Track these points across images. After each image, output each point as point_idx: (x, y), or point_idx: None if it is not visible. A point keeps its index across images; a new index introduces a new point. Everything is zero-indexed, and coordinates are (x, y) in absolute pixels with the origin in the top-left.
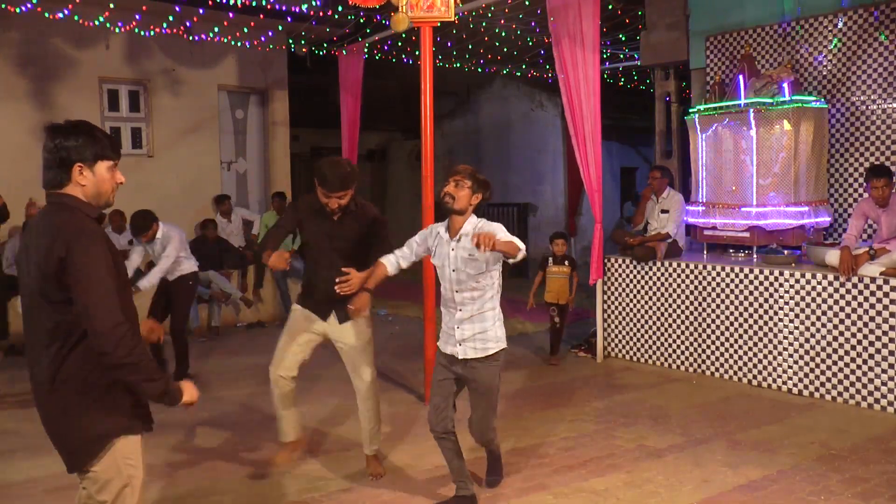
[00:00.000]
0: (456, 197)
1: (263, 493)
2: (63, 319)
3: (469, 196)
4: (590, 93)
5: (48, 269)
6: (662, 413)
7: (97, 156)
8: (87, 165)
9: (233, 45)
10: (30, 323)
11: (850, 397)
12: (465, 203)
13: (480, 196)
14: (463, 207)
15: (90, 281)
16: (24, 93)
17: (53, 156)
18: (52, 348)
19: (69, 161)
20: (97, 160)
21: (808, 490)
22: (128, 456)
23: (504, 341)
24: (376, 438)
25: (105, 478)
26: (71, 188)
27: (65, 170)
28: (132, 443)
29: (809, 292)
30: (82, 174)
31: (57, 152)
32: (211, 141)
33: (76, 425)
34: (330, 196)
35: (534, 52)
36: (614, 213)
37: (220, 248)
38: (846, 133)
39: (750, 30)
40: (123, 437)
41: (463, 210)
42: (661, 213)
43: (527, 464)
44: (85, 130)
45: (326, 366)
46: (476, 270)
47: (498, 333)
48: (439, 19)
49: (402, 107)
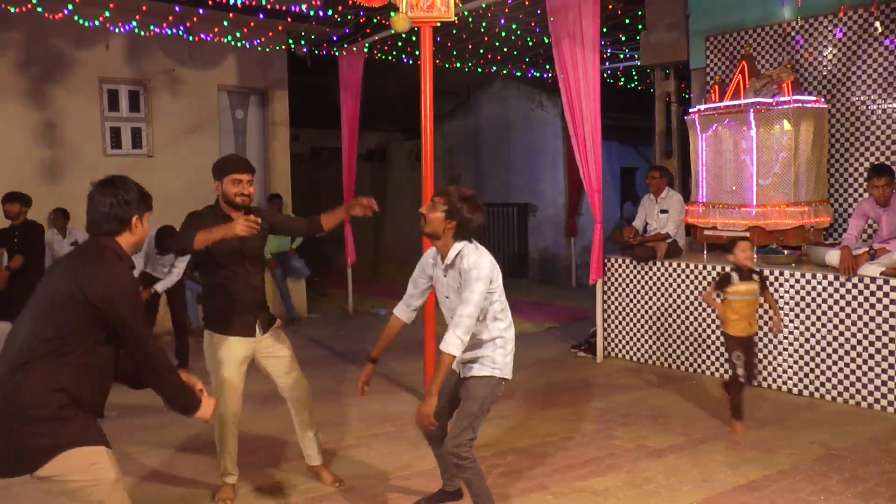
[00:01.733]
0: (427, 219)
1: (262, 493)
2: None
3: (441, 221)
4: (590, 93)
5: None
6: (662, 413)
7: (147, 209)
8: (140, 218)
9: (233, 45)
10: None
11: (850, 397)
12: (435, 227)
13: (455, 224)
14: (433, 231)
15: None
16: (24, 93)
17: (117, 210)
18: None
19: (130, 214)
20: (146, 212)
21: (808, 490)
22: (95, 462)
23: (504, 370)
24: (320, 448)
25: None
26: (123, 237)
27: (125, 222)
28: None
29: (809, 292)
30: (136, 226)
31: (121, 207)
32: (211, 141)
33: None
34: (240, 180)
35: (534, 52)
36: (614, 213)
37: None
38: (846, 133)
39: (750, 30)
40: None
41: (435, 235)
42: (660, 213)
43: (527, 464)
44: (136, 186)
45: (318, 367)
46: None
47: (497, 359)
48: (439, 19)
49: (402, 107)
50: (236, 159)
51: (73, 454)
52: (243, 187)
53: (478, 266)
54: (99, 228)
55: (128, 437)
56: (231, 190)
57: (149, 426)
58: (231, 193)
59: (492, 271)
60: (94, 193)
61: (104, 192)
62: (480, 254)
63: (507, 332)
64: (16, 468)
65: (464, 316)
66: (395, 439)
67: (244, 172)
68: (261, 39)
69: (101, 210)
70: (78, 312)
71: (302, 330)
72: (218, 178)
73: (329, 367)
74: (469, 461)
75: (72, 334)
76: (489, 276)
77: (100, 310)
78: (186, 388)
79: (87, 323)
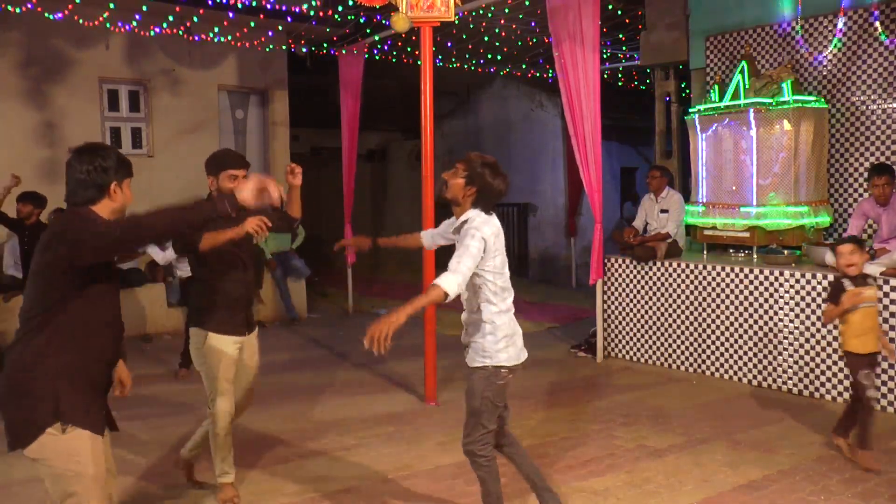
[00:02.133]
0: (449, 184)
1: (262, 493)
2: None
3: (461, 187)
4: (590, 93)
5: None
6: (662, 413)
7: (126, 175)
8: (119, 184)
9: (233, 45)
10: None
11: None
12: (455, 193)
13: (475, 190)
14: (454, 197)
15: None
16: (24, 93)
17: (94, 176)
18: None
19: (108, 181)
20: (125, 179)
21: (808, 490)
22: (76, 452)
23: (496, 357)
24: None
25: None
26: (101, 205)
27: (104, 189)
28: (82, 435)
29: (809, 292)
30: (115, 192)
31: (97, 173)
32: (211, 141)
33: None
34: (236, 175)
35: (534, 52)
36: (614, 213)
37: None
38: (846, 133)
39: (750, 30)
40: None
41: (455, 201)
42: (660, 213)
43: None
44: (115, 152)
45: (318, 367)
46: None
47: (487, 347)
48: (439, 19)
49: (402, 107)
50: (232, 154)
51: (57, 439)
52: (238, 182)
53: (478, 227)
54: (76, 197)
55: (128, 436)
56: (227, 186)
57: (149, 426)
58: (227, 190)
59: (491, 237)
60: (71, 160)
61: (81, 159)
62: (488, 220)
63: (500, 317)
64: (12, 442)
65: (461, 264)
66: (395, 439)
67: (240, 168)
68: (261, 39)
69: (78, 177)
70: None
71: (302, 330)
72: (213, 173)
73: (329, 367)
74: (484, 459)
75: (53, 301)
76: (486, 237)
77: (70, 252)
78: (188, 207)
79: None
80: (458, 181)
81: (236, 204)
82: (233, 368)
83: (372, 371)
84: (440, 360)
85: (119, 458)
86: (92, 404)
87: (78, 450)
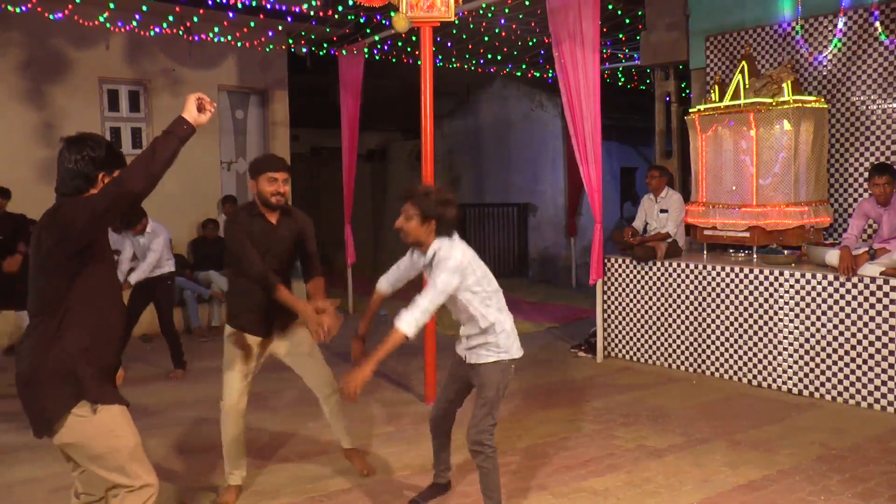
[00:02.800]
0: (405, 231)
1: (262, 492)
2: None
3: (418, 226)
4: (590, 93)
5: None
6: (662, 413)
7: (116, 165)
8: (108, 175)
9: (233, 45)
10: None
11: (850, 397)
12: (417, 235)
13: (434, 222)
14: (416, 240)
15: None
16: (24, 93)
17: (81, 166)
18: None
19: (96, 171)
20: (115, 170)
21: (808, 490)
22: (112, 428)
23: (511, 351)
24: (350, 433)
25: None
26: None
27: (91, 179)
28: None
29: (809, 292)
30: (104, 182)
31: (85, 163)
32: (211, 141)
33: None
34: (276, 178)
35: (534, 52)
36: (614, 213)
37: (220, 248)
38: (846, 133)
39: (750, 30)
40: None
41: (420, 242)
42: (660, 213)
43: (527, 464)
44: (105, 143)
45: None
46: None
47: (501, 343)
48: (439, 19)
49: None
50: (272, 158)
51: (90, 420)
52: (279, 186)
53: (446, 257)
54: (65, 187)
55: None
56: (267, 189)
57: (149, 426)
58: (267, 192)
59: (463, 263)
60: (62, 150)
61: (70, 149)
62: (453, 245)
63: (500, 315)
64: (39, 429)
65: (424, 299)
66: (395, 439)
67: (279, 171)
68: (261, 39)
69: (67, 167)
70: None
71: None
72: (253, 176)
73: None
74: (490, 449)
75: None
76: (458, 267)
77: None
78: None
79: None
80: (412, 224)
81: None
82: (246, 364)
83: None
84: (440, 360)
85: None
86: (108, 383)
87: (113, 425)
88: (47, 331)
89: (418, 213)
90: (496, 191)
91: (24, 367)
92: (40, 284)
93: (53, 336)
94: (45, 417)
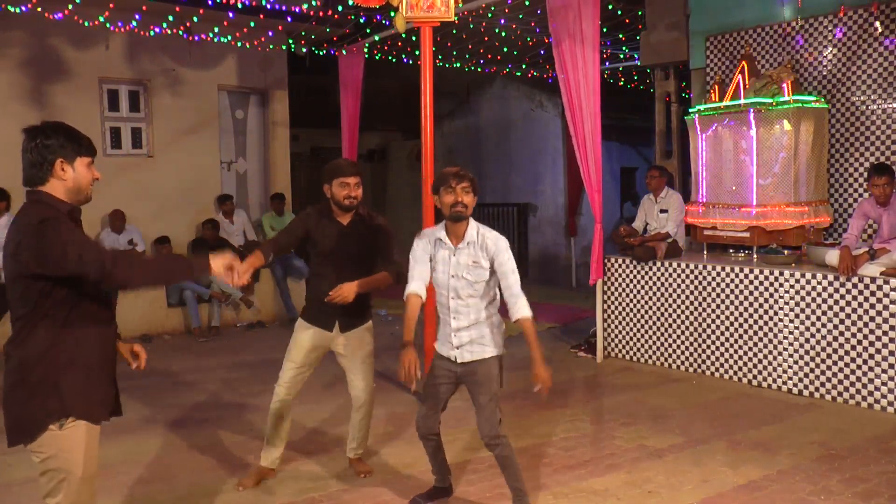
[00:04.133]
0: (468, 205)
1: (262, 492)
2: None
3: (474, 200)
4: (590, 93)
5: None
6: (662, 413)
7: (76, 152)
8: (67, 162)
9: (233, 45)
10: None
11: (850, 397)
12: (471, 208)
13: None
14: (466, 213)
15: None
16: (24, 93)
17: (35, 154)
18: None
19: (52, 158)
20: (76, 157)
21: (808, 490)
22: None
23: (502, 348)
24: (363, 444)
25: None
26: (51, 185)
27: (47, 167)
28: (78, 431)
29: (809, 292)
30: (63, 170)
31: (39, 151)
32: (211, 141)
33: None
34: (348, 183)
35: (534, 52)
36: (614, 213)
37: (219, 249)
38: (846, 133)
39: (750, 30)
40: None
41: (466, 216)
42: (660, 213)
43: (527, 464)
44: (64, 130)
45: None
46: (476, 278)
47: (497, 339)
48: (439, 19)
49: (402, 107)
50: (345, 163)
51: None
52: (351, 190)
53: (501, 237)
54: (28, 179)
55: (128, 436)
56: (340, 193)
57: (149, 426)
58: (340, 196)
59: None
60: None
61: (26, 138)
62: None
63: (497, 312)
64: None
65: (518, 284)
66: (395, 439)
67: (351, 176)
68: (261, 39)
69: (27, 157)
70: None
71: None
72: (327, 181)
73: (329, 367)
74: (505, 438)
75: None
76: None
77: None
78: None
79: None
80: (472, 198)
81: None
82: (304, 354)
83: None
84: None
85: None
86: (94, 392)
87: (72, 447)
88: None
89: (472, 189)
90: (496, 191)
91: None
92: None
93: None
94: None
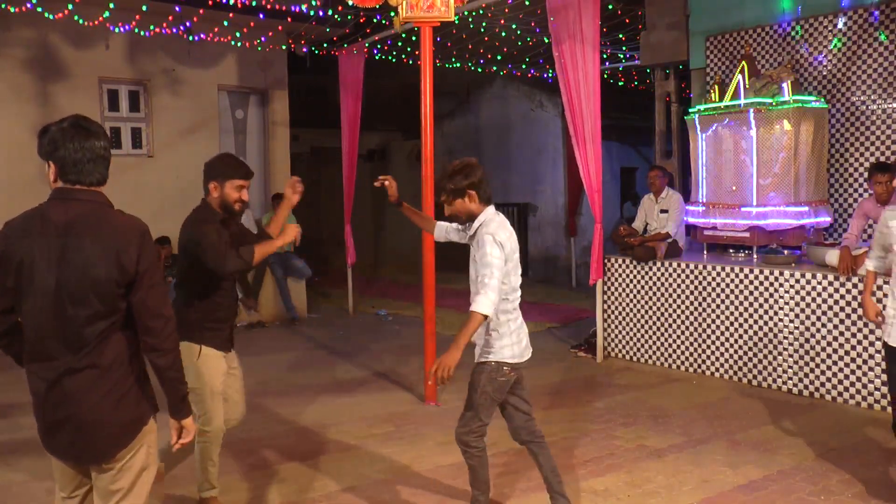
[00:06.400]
0: (457, 212)
1: (262, 492)
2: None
3: (462, 203)
4: (590, 93)
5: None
6: (662, 413)
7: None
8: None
9: (233, 45)
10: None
11: (850, 397)
12: (463, 210)
13: (473, 192)
14: (467, 214)
15: (154, 279)
16: (24, 93)
17: (105, 154)
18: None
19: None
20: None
21: (808, 490)
22: (152, 442)
23: (500, 353)
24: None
25: (128, 465)
26: (104, 187)
27: (108, 168)
28: (154, 427)
29: (809, 292)
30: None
31: (105, 151)
32: (211, 141)
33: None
34: (244, 187)
35: (534, 52)
36: (614, 213)
37: None
38: (846, 133)
39: (750, 30)
40: (151, 421)
41: (470, 215)
42: (660, 213)
43: (527, 464)
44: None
45: (324, 366)
46: (475, 274)
47: (493, 344)
48: (439, 19)
49: (402, 107)
50: (243, 167)
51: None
52: (244, 194)
53: (493, 231)
54: (93, 181)
55: None
56: (234, 195)
57: None
58: (232, 199)
59: (507, 242)
60: (78, 136)
61: (92, 138)
62: (501, 223)
63: (506, 315)
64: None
65: (486, 277)
66: (395, 439)
67: (248, 179)
68: (261, 39)
69: (90, 157)
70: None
71: (302, 330)
72: (218, 180)
73: (329, 366)
74: (476, 450)
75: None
76: (503, 242)
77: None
78: (179, 399)
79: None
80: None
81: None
82: (226, 383)
83: (372, 371)
84: None
85: None
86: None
87: (154, 438)
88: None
89: (454, 193)
90: (496, 191)
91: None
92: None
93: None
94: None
